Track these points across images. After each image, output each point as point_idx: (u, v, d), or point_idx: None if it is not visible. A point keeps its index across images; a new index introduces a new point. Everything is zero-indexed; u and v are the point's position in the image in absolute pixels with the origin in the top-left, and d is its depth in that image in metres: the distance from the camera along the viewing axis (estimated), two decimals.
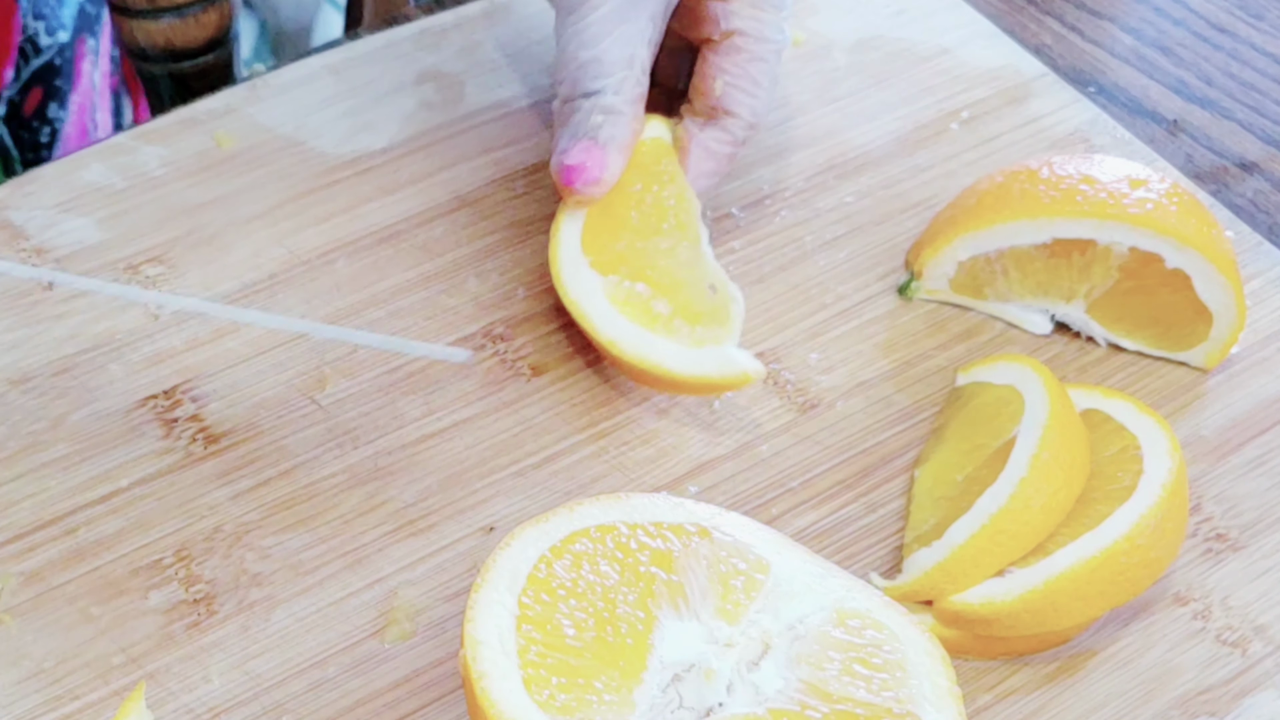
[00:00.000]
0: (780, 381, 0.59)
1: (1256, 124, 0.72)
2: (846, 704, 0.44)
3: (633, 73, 0.57)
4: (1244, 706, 0.51)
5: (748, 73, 0.59)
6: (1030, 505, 0.51)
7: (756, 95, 0.59)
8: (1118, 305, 0.59)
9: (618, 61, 0.56)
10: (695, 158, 0.59)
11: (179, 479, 0.55)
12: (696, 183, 0.59)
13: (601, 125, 0.56)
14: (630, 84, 0.57)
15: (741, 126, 0.59)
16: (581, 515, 0.48)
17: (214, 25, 0.73)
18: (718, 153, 0.59)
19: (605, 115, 0.56)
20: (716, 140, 0.59)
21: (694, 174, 0.59)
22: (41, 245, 0.61)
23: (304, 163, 0.65)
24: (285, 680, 0.50)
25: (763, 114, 0.60)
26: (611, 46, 0.56)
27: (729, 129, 0.59)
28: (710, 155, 0.59)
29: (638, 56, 0.57)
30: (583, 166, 0.56)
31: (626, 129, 0.57)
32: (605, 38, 0.56)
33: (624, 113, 0.56)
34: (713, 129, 0.59)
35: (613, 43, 0.56)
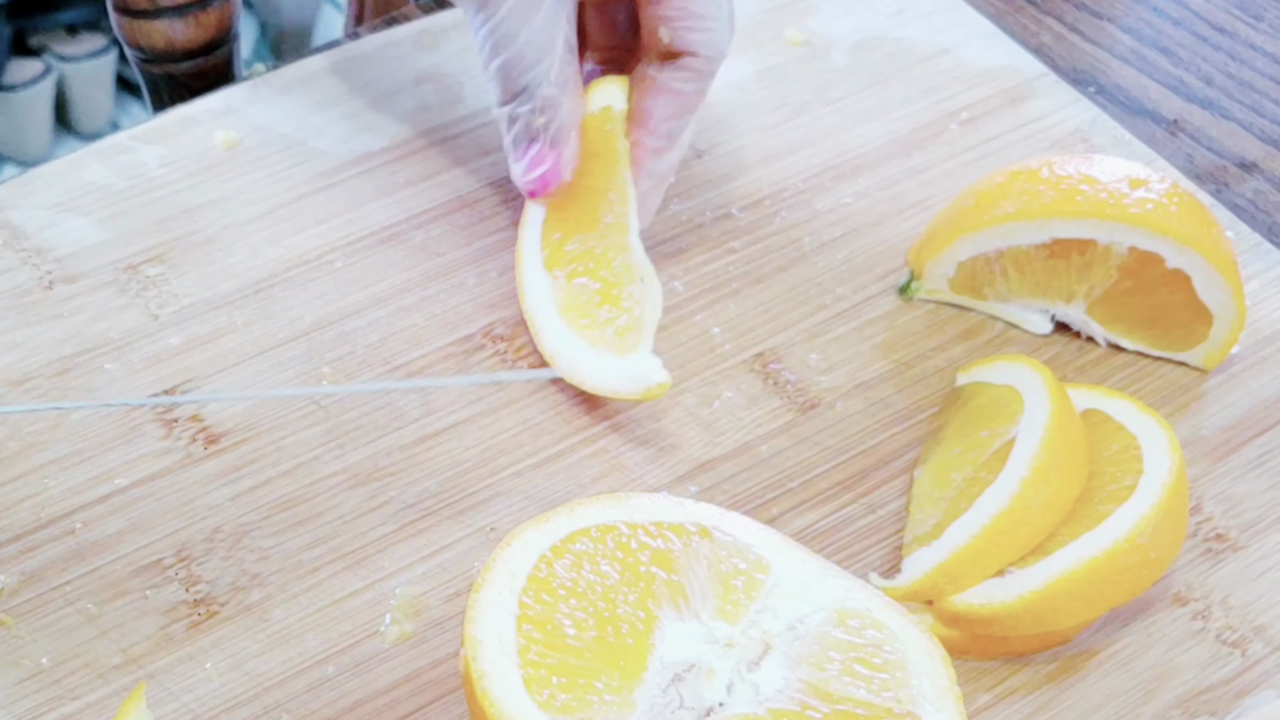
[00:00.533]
0: (780, 381, 0.59)
1: (1256, 124, 0.72)
2: (847, 704, 0.44)
3: (558, 55, 0.55)
4: (1244, 706, 0.51)
5: (690, 10, 0.56)
6: (1030, 506, 0.51)
7: (711, 28, 0.57)
8: (1117, 305, 0.59)
9: (539, 51, 0.55)
10: (660, 102, 0.57)
11: (179, 479, 0.55)
12: (666, 125, 0.57)
13: (545, 124, 0.56)
14: (558, 68, 0.55)
15: (703, 63, 0.57)
16: (581, 515, 0.48)
17: (214, 25, 0.73)
18: (682, 91, 0.57)
19: (545, 112, 0.56)
20: (679, 80, 0.57)
21: (660, 117, 0.57)
22: (41, 245, 0.61)
23: (304, 163, 0.65)
24: (285, 680, 0.50)
25: (722, 44, 0.57)
26: (528, 40, 0.55)
27: (690, 67, 0.57)
28: (675, 96, 0.57)
29: (558, 37, 0.55)
30: (543, 175, 0.56)
31: (569, 115, 0.56)
32: (520, 32, 0.55)
33: (561, 101, 0.56)
34: (673, 69, 0.57)
35: (529, 35, 0.55)
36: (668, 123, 0.58)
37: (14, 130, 1.69)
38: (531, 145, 0.57)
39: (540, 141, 0.56)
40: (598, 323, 0.57)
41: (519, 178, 0.58)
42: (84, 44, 1.72)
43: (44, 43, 1.72)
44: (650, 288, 0.56)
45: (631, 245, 0.57)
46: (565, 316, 0.57)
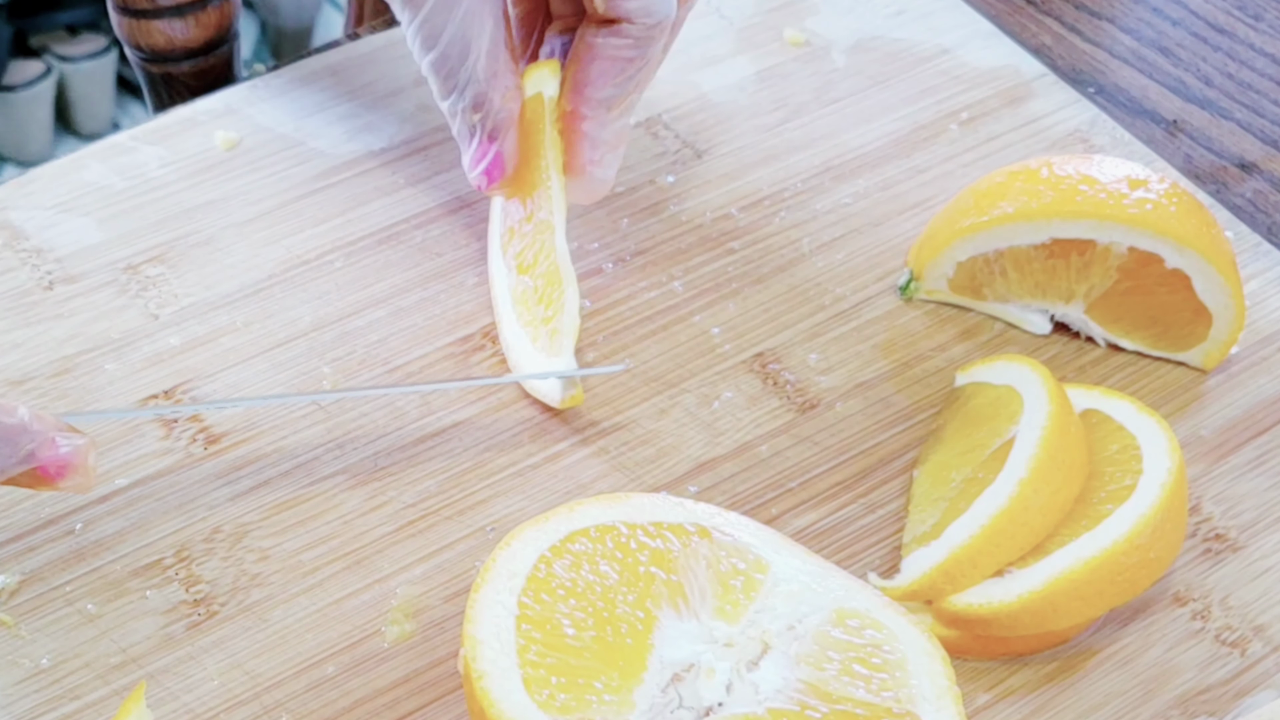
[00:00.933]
0: (780, 381, 0.59)
1: (1255, 124, 0.72)
2: (846, 704, 0.44)
3: (484, 49, 0.55)
4: (1243, 706, 0.51)
5: None
6: (1029, 506, 0.51)
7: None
8: (1117, 305, 0.59)
9: (465, 46, 0.55)
10: (596, 69, 0.56)
11: (179, 479, 0.55)
12: (603, 91, 0.56)
13: (480, 119, 0.56)
14: (485, 62, 0.55)
15: (639, 29, 0.55)
16: (581, 515, 0.48)
17: (214, 25, 0.73)
18: (619, 58, 0.56)
19: (478, 107, 0.55)
20: (614, 46, 0.56)
21: (599, 83, 0.56)
22: (41, 245, 0.61)
23: (303, 163, 0.65)
24: (285, 680, 0.50)
25: (658, 8, 0.55)
26: (453, 35, 0.54)
27: (626, 33, 0.55)
28: (613, 62, 0.56)
29: (483, 32, 0.55)
30: (486, 169, 0.56)
31: (502, 109, 0.56)
32: (445, 28, 0.54)
33: (491, 95, 0.55)
34: (608, 35, 0.55)
35: (453, 31, 0.54)
36: (605, 90, 0.56)
37: (14, 130, 1.69)
38: (472, 140, 0.56)
39: (478, 135, 0.56)
40: (536, 320, 0.57)
41: (466, 172, 0.57)
42: (84, 44, 1.72)
43: (44, 43, 1.72)
44: (568, 294, 0.55)
45: (557, 248, 0.56)
46: (517, 309, 0.57)
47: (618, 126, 0.57)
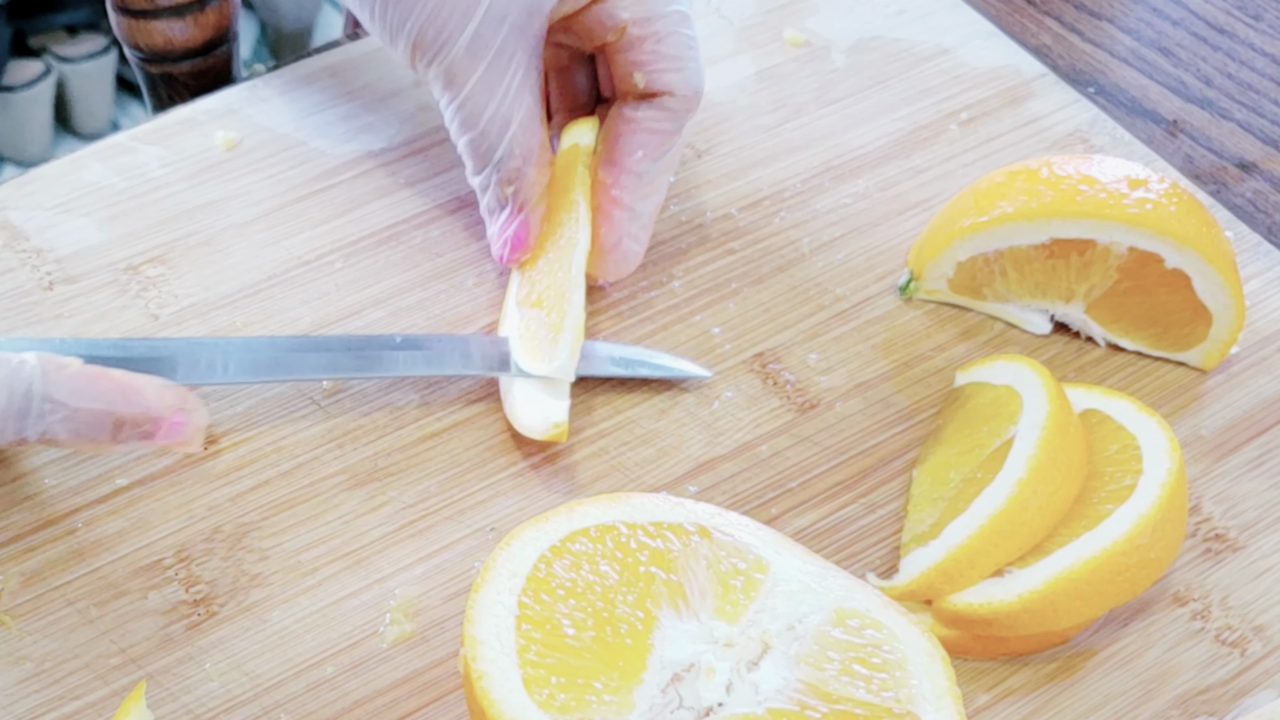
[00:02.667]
0: (780, 382, 0.59)
1: (1255, 124, 0.72)
2: (846, 704, 0.44)
3: (522, 128, 0.57)
4: (1243, 706, 0.51)
5: (661, 53, 0.57)
6: (1028, 506, 0.51)
7: (684, 68, 0.57)
8: (1117, 305, 0.59)
9: (504, 126, 0.56)
10: (636, 141, 0.57)
11: (179, 479, 0.55)
12: (642, 165, 0.58)
13: (512, 193, 0.57)
14: (523, 140, 0.57)
15: (680, 101, 0.58)
16: (581, 515, 0.48)
17: (213, 25, 0.73)
18: (659, 130, 0.58)
19: (511, 182, 0.57)
20: (655, 119, 0.58)
21: (637, 155, 0.58)
22: (41, 246, 0.61)
23: (303, 164, 0.65)
24: (285, 680, 0.50)
25: (698, 83, 0.58)
26: (493, 116, 0.56)
27: (667, 106, 0.58)
28: (652, 134, 0.58)
29: (520, 111, 0.56)
30: (513, 241, 0.58)
31: (534, 185, 0.58)
32: (485, 109, 0.56)
33: (526, 171, 0.57)
34: (649, 108, 0.58)
35: (493, 111, 0.56)
36: (644, 162, 0.58)
37: (14, 131, 1.69)
38: (501, 212, 0.58)
39: (509, 209, 0.58)
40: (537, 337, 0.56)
41: (491, 243, 0.59)
42: (84, 44, 1.72)
43: (44, 43, 1.72)
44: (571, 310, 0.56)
45: (573, 264, 0.57)
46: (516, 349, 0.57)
47: (654, 201, 0.59)
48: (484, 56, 0.55)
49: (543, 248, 0.59)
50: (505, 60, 0.56)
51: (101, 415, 0.49)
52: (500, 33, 0.55)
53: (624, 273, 0.59)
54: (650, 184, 0.58)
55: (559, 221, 0.58)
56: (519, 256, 0.58)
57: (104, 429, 0.49)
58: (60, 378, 0.48)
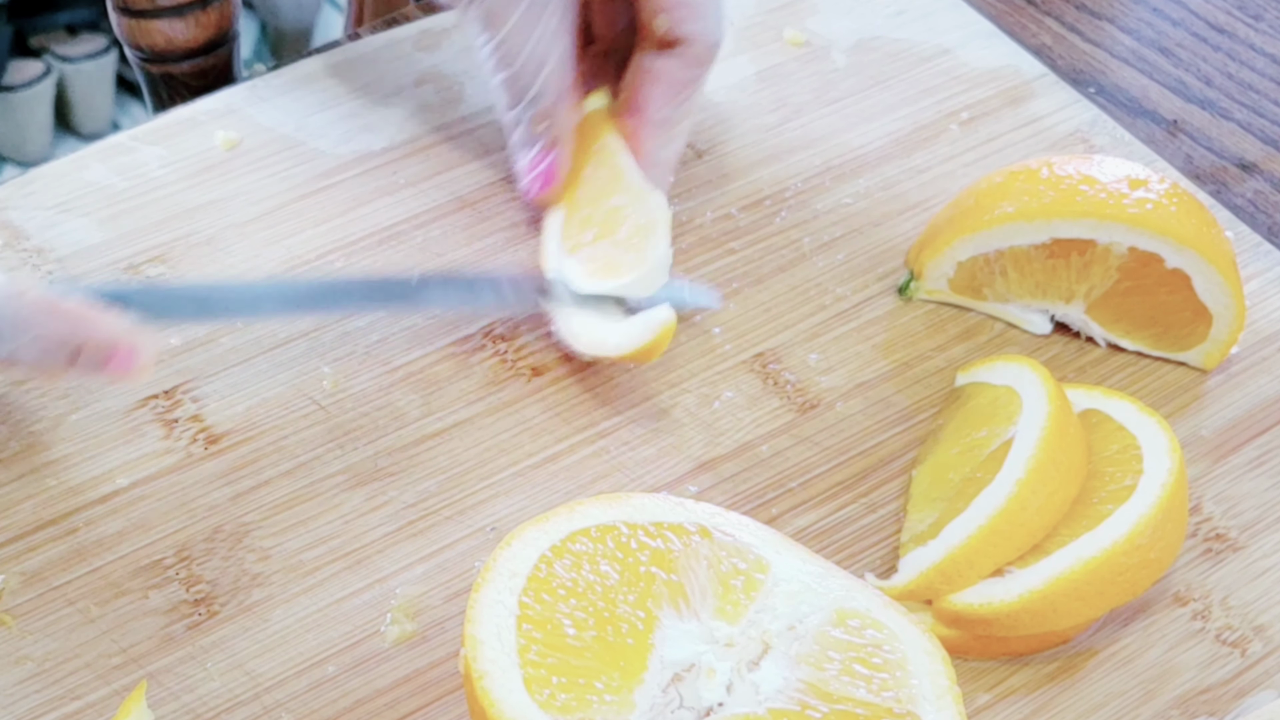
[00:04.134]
0: (780, 382, 0.59)
1: (1256, 124, 0.72)
2: (846, 704, 0.44)
3: (556, 66, 0.58)
4: (1243, 706, 0.51)
5: (683, 1, 0.58)
6: (1027, 507, 0.51)
7: (705, 16, 0.58)
8: (1117, 305, 0.59)
9: (540, 64, 0.58)
10: (658, 89, 0.58)
11: (179, 479, 0.55)
12: (663, 112, 0.58)
13: (545, 129, 0.59)
14: (556, 78, 0.58)
15: (700, 49, 0.58)
16: (581, 515, 0.48)
17: (214, 25, 0.73)
18: (677, 78, 0.59)
19: (544, 118, 0.58)
20: (676, 67, 0.58)
21: (659, 104, 0.58)
22: (41, 245, 0.61)
23: (304, 163, 0.65)
24: (285, 680, 0.50)
25: (717, 33, 0.59)
26: (530, 54, 0.57)
27: (686, 54, 0.58)
28: (671, 82, 0.58)
29: (554, 51, 0.58)
30: (541, 177, 0.59)
31: (565, 122, 0.59)
32: (523, 48, 0.57)
33: (558, 109, 0.58)
34: (669, 57, 0.58)
35: (530, 50, 0.57)
36: (664, 109, 0.59)
37: (14, 130, 1.69)
38: (531, 148, 0.59)
39: (539, 144, 0.59)
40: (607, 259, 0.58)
41: (520, 179, 0.60)
42: (84, 44, 1.72)
43: (44, 43, 1.72)
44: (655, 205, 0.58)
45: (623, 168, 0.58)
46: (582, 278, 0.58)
47: (674, 148, 0.60)
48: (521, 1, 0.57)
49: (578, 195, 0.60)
50: (543, 2, 0.57)
51: (61, 341, 0.49)
52: None
53: None
54: (668, 130, 0.59)
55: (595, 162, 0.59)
56: (548, 191, 0.59)
57: (62, 355, 0.50)
58: (20, 304, 0.49)
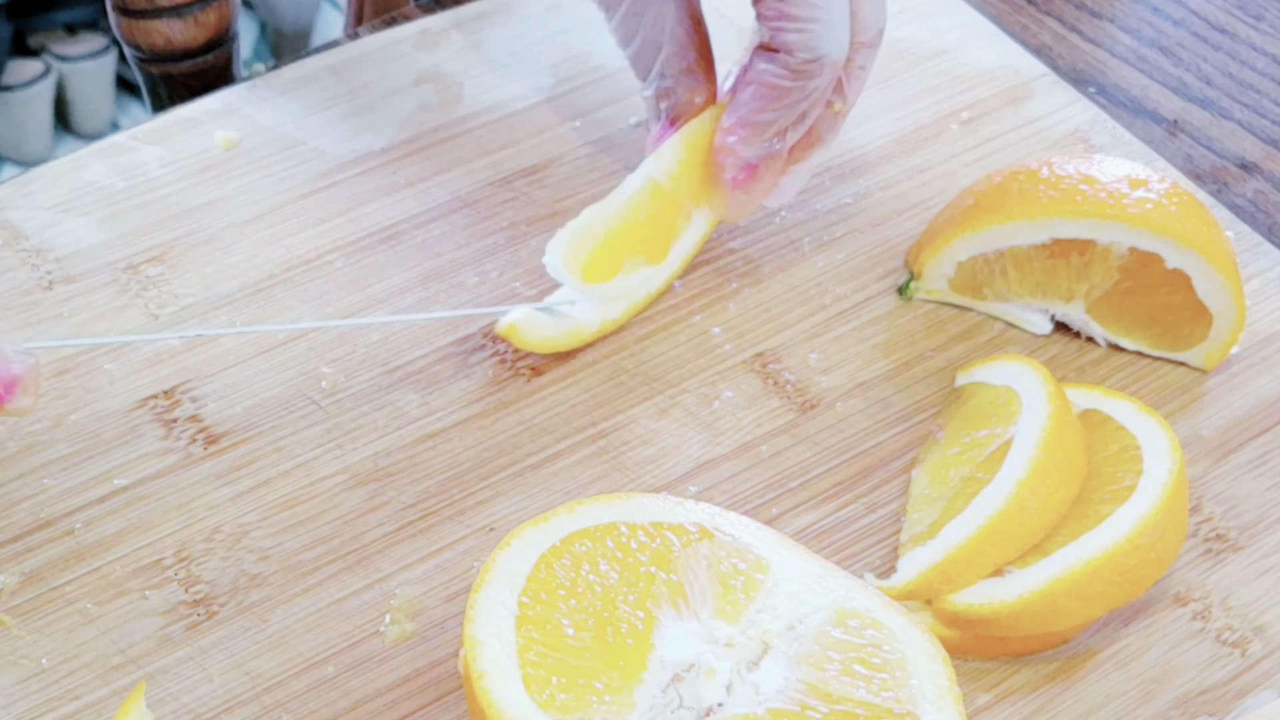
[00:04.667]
0: (780, 382, 0.59)
1: (1256, 124, 0.72)
2: (846, 704, 0.44)
3: (671, 51, 0.59)
4: (1244, 706, 0.51)
5: (784, 11, 0.56)
6: (1026, 507, 0.51)
7: (806, 29, 0.56)
8: (1117, 305, 0.59)
9: (654, 47, 0.59)
10: (752, 92, 0.57)
11: (179, 479, 0.55)
12: (757, 115, 0.57)
13: (665, 108, 0.60)
14: (674, 60, 0.59)
15: (795, 62, 0.56)
16: (581, 515, 0.48)
17: (213, 25, 0.73)
18: (775, 85, 0.57)
19: (664, 97, 0.60)
20: (769, 73, 0.57)
21: (751, 105, 0.57)
22: (41, 245, 0.61)
23: (304, 163, 0.65)
24: (285, 680, 0.50)
25: (818, 45, 0.56)
26: (645, 40, 0.59)
27: (781, 62, 0.56)
28: (768, 88, 0.57)
29: (667, 35, 0.59)
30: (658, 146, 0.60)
31: (686, 99, 0.60)
32: (637, 30, 0.59)
33: (677, 89, 0.60)
34: (767, 61, 0.57)
35: (644, 35, 0.59)
36: (758, 111, 0.57)
37: (14, 130, 1.69)
38: (656, 124, 0.61)
39: (662, 120, 0.61)
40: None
41: (646, 151, 0.61)
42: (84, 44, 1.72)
43: (44, 43, 1.72)
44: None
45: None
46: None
47: (767, 152, 0.59)
48: None
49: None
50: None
51: None
52: None
53: (731, 217, 0.61)
54: (761, 134, 0.58)
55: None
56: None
57: None
58: None
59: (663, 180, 0.59)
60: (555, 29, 0.71)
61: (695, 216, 0.60)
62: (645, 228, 0.59)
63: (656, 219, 0.59)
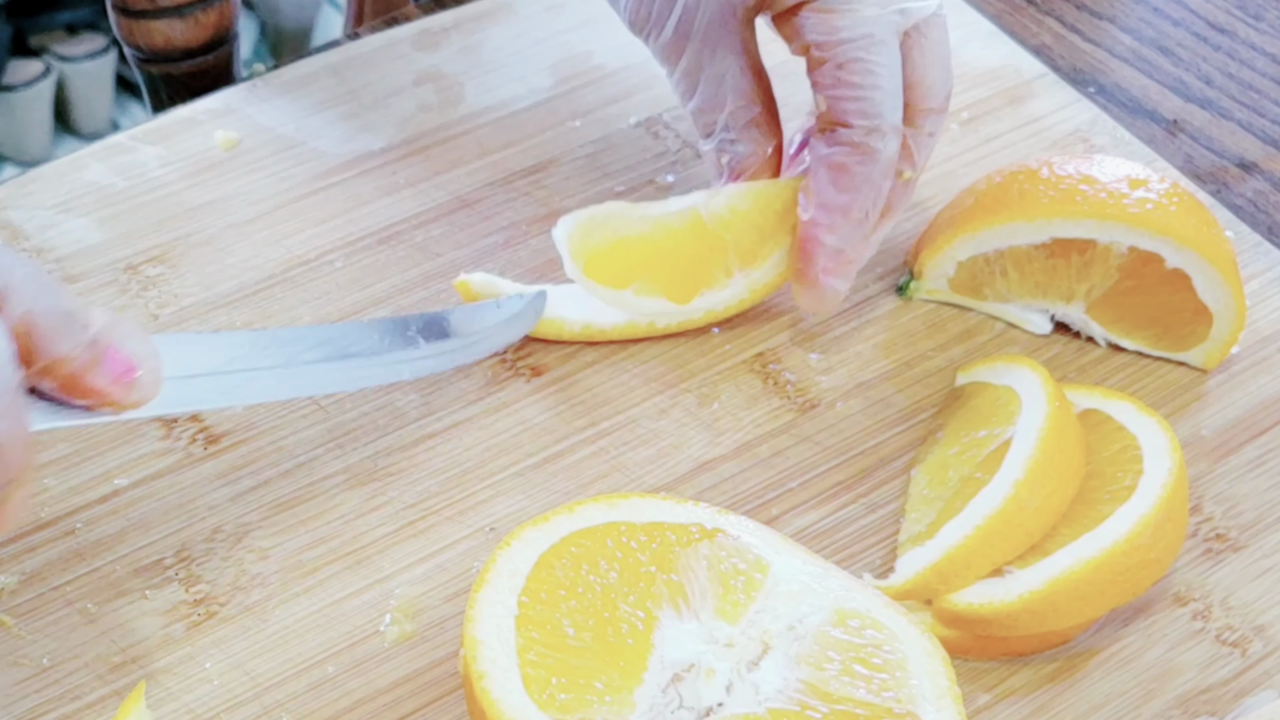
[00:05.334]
0: (780, 382, 0.59)
1: (1256, 124, 0.72)
2: (846, 704, 0.44)
3: (734, 107, 0.58)
4: (1244, 706, 0.51)
5: (841, 79, 0.55)
6: (1024, 508, 0.51)
7: (864, 97, 0.55)
8: (1117, 305, 0.59)
9: (716, 101, 0.58)
10: (826, 176, 0.56)
11: (179, 479, 0.55)
12: (836, 199, 0.56)
13: (728, 161, 0.59)
14: (737, 115, 0.58)
15: (858, 134, 0.55)
16: (581, 515, 0.48)
17: (214, 25, 0.73)
18: (840, 163, 0.55)
19: (725, 150, 0.59)
20: (835, 153, 0.55)
21: (828, 190, 0.56)
22: (41, 245, 0.61)
23: (304, 163, 0.65)
24: (285, 680, 0.50)
25: (878, 114, 0.55)
26: (706, 95, 0.58)
27: (844, 139, 0.55)
28: (836, 168, 0.55)
29: (729, 91, 0.58)
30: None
31: (747, 158, 0.59)
32: (697, 83, 0.58)
33: (739, 146, 0.59)
34: (828, 143, 0.56)
35: (706, 89, 0.58)
36: (837, 197, 0.56)
37: (14, 130, 1.69)
38: (719, 179, 0.60)
39: (724, 176, 0.59)
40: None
41: None
42: (84, 44, 1.72)
43: (44, 43, 1.72)
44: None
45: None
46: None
47: (854, 236, 0.57)
48: (691, 41, 0.57)
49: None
50: (710, 48, 0.57)
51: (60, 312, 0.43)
52: (702, 22, 0.57)
53: (822, 309, 0.58)
54: (846, 217, 0.56)
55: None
56: None
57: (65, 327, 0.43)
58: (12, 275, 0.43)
59: (707, 219, 0.57)
60: (555, 29, 0.71)
61: (737, 277, 0.58)
62: (672, 257, 0.58)
63: (687, 254, 0.58)
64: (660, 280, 0.58)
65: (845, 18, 0.55)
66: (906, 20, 0.55)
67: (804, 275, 0.57)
